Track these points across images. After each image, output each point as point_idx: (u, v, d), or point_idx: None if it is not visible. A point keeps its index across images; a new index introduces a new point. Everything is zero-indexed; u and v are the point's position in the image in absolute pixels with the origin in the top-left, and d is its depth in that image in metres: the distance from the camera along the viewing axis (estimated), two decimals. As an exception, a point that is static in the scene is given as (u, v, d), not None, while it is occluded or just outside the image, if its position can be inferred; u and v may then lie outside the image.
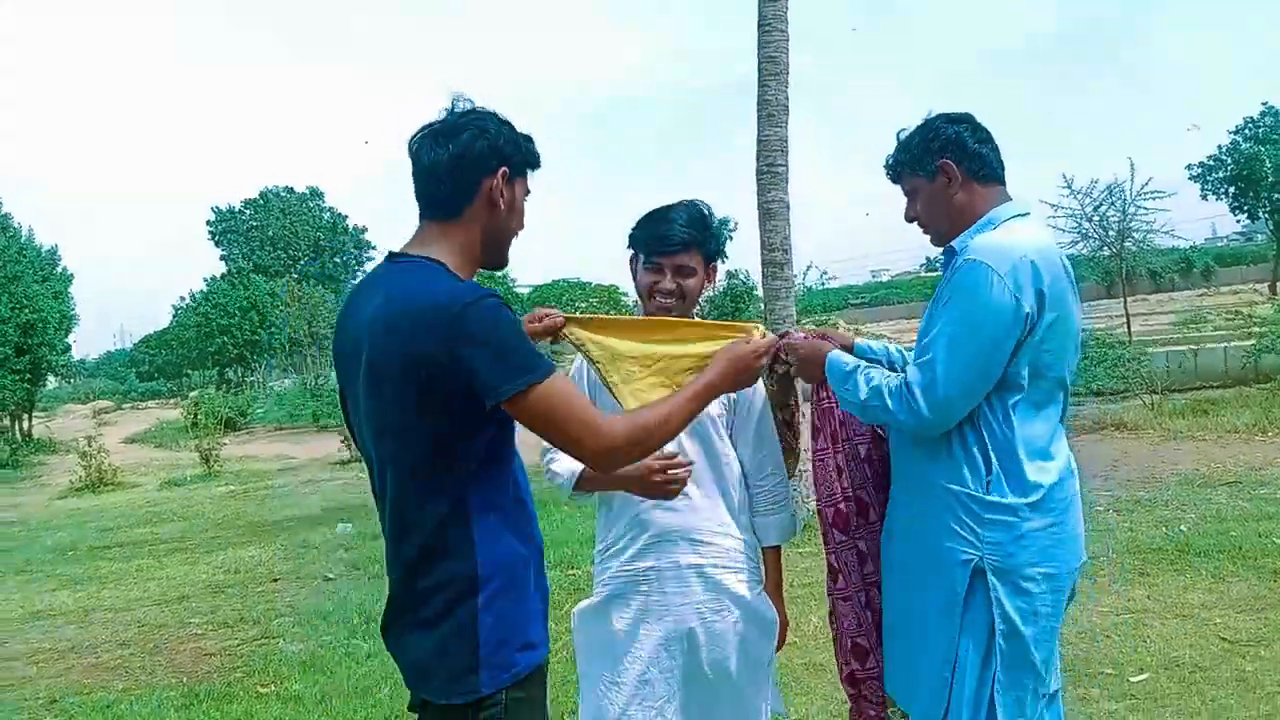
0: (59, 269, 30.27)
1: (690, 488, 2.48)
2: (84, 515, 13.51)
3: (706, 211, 2.61)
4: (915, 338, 2.40)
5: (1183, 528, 6.72)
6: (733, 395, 2.54)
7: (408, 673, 1.93)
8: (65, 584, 8.69)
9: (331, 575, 7.92)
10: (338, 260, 55.83)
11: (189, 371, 45.90)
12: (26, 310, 26.35)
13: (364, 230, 56.92)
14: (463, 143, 1.88)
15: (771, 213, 8.00)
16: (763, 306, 8.06)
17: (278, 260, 52.30)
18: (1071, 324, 2.32)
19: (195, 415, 24.29)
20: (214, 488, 15.67)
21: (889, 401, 2.26)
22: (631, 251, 2.64)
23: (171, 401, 42.08)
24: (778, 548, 2.67)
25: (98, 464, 17.28)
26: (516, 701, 1.84)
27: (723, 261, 3.09)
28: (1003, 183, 2.45)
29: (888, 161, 2.51)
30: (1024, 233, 2.32)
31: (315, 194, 56.57)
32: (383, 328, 1.80)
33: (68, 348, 31.53)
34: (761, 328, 2.35)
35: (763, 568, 2.64)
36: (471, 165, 1.89)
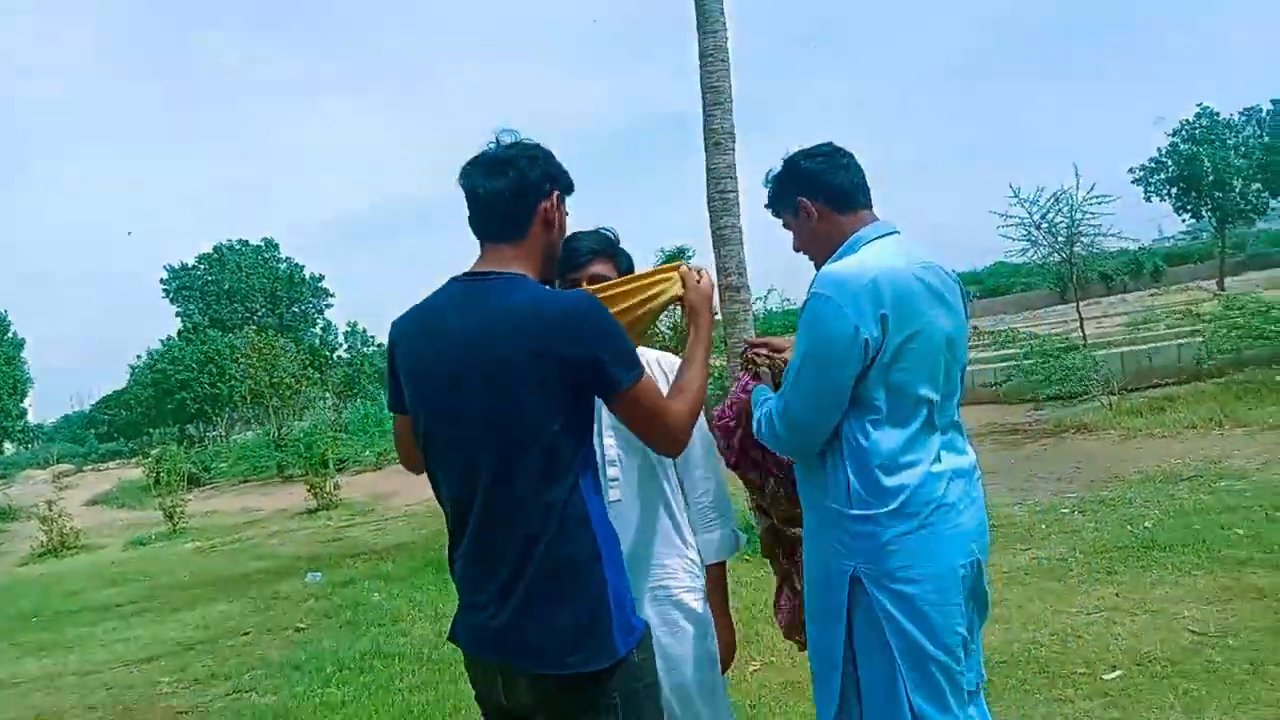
0: (9, 334, 29.79)
1: (633, 509, 2.51)
2: (47, 580, 13.23)
3: (611, 232, 2.67)
4: None
5: (1147, 524, 6.80)
6: None
7: (533, 652, 1.98)
8: (30, 651, 8.50)
9: (303, 625, 7.81)
10: (295, 310, 55.41)
11: (149, 430, 45.21)
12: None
13: (321, 278, 56.59)
14: (521, 170, 2.09)
15: (725, 238, 8.07)
16: (722, 331, 8.10)
17: (235, 314, 51.84)
18: (934, 337, 2.42)
19: (157, 473, 23.86)
20: (180, 545, 15.40)
21: (762, 426, 2.49)
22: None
23: (133, 461, 41.32)
24: (721, 564, 2.68)
25: (59, 528, 16.93)
26: (644, 660, 2.06)
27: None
28: (867, 207, 2.58)
29: (765, 201, 2.71)
30: (875, 256, 2.43)
31: (270, 245, 56.22)
32: (510, 331, 1.96)
33: (23, 412, 31.01)
34: (684, 265, 2.50)
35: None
36: (531, 191, 2.10)
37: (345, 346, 53.38)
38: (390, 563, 10.12)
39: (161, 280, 55.05)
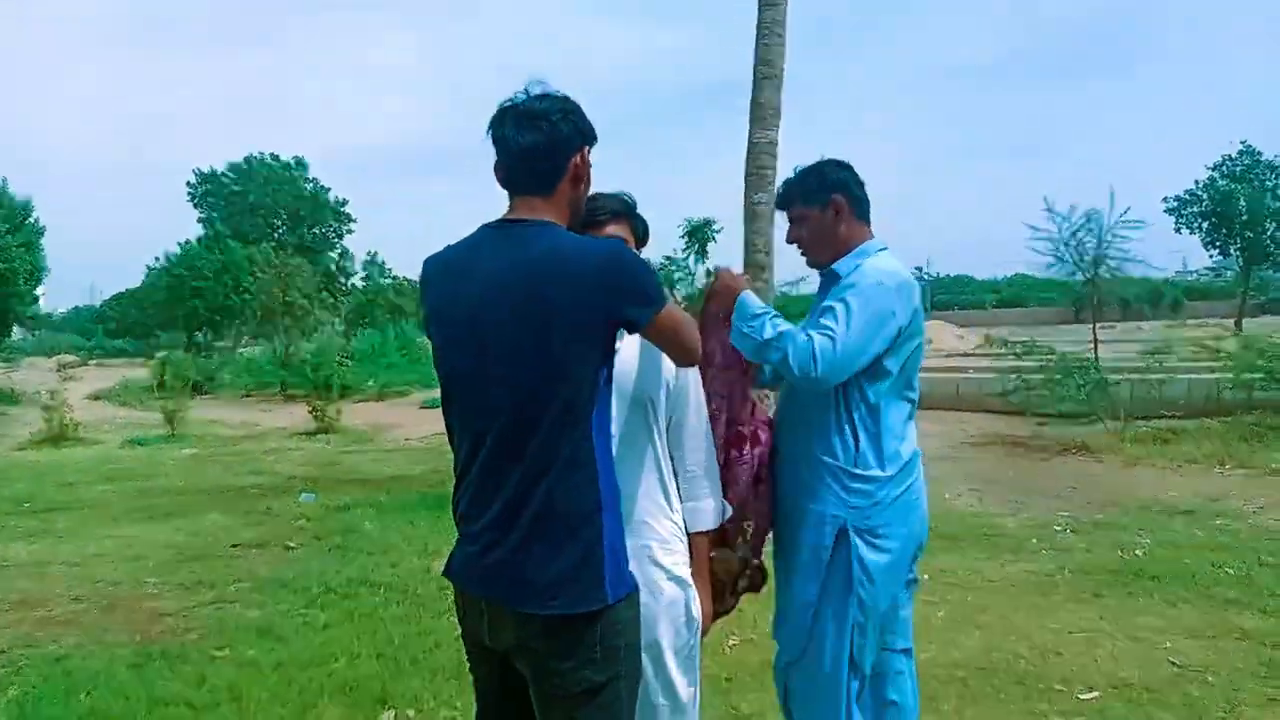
0: (32, 220, 29.82)
1: (624, 465, 2.49)
2: (43, 469, 13.35)
3: (628, 197, 2.67)
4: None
5: (1138, 552, 6.83)
6: (669, 379, 2.61)
7: (521, 589, 2.03)
8: (20, 536, 8.60)
9: (293, 544, 7.87)
10: (316, 231, 55.36)
11: (158, 332, 45.41)
12: (-2, 261, 26.00)
13: (345, 203, 56.49)
14: (554, 124, 2.10)
15: (756, 214, 8.02)
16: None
17: (256, 227, 51.77)
18: (922, 344, 2.90)
19: (162, 375, 24.07)
20: (177, 449, 15.51)
21: (790, 350, 2.65)
22: None
23: (139, 361, 41.61)
24: (704, 534, 2.70)
25: (59, 418, 17.08)
26: (630, 618, 2.12)
27: (705, 262, 3.21)
28: (870, 223, 2.96)
29: (781, 190, 2.97)
30: (897, 264, 2.85)
31: (300, 163, 56.05)
32: (547, 275, 1.99)
33: (36, 299, 31.12)
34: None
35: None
36: (563, 146, 2.12)
37: (362, 275, 53.38)
38: (385, 493, 10.19)
39: (188, 184, 55.10)
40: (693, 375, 2.67)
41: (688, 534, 2.65)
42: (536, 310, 1.99)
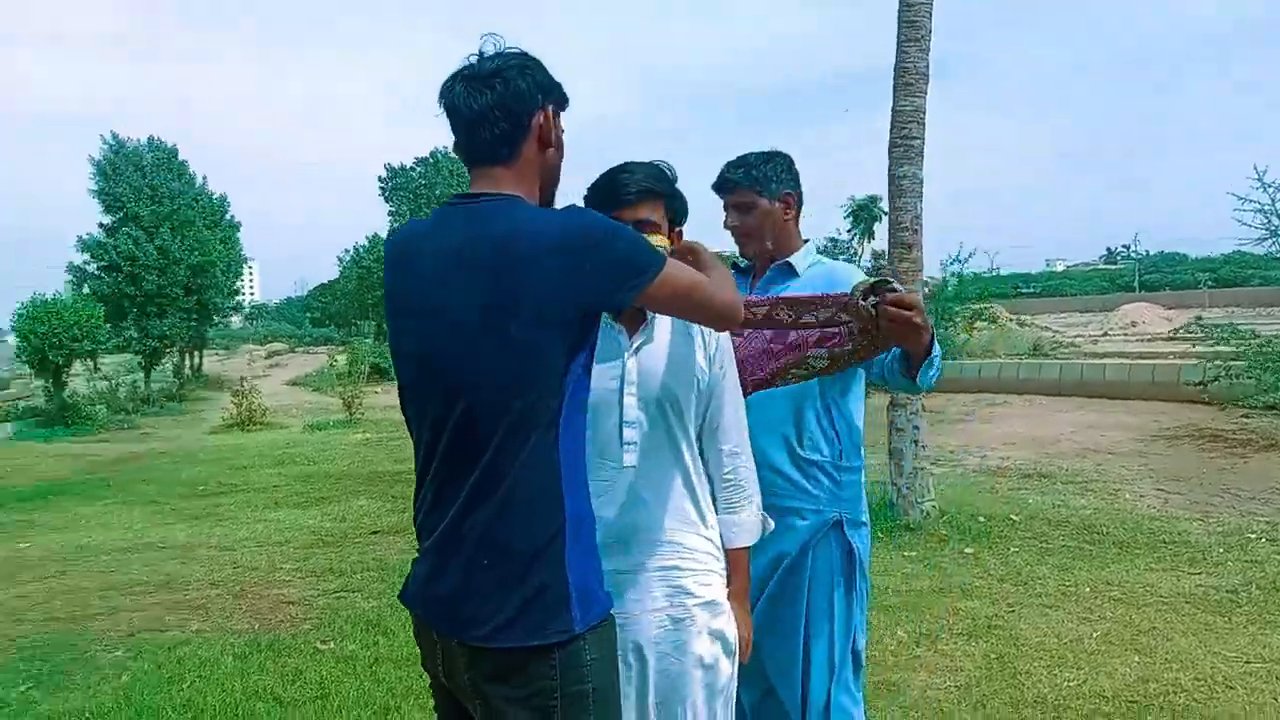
0: (228, 217, 31.77)
1: (648, 477, 2.20)
2: (225, 452, 14.10)
3: (667, 169, 2.30)
4: (1084, 331, 2.53)
5: (1347, 568, 5.93)
6: (700, 375, 2.26)
7: (463, 622, 1.77)
8: (183, 518, 9.01)
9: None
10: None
11: (356, 321, 47.70)
12: (196, 253, 27.80)
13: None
14: (509, 81, 1.84)
15: (903, 188, 7.50)
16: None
17: (443, 218, 53.59)
18: None
19: (348, 362, 25.16)
20: (351, 434, 16.11)
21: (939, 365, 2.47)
22: None
23: (341, 348, 43.91)
24: (744, 550, 2.34)
25: (248, 403, 18.05)
26: (598, 660, 1.80)
27: (871, 242, 2.87)
28: None
29: (730, 173, 2.74)
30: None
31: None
32: (498, 259, 1.72)
33: (236, 291, 33.19)
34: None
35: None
36: (521, 103, 1.85)
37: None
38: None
39: (379, 179, 57.65)
40: (730, 371, 2.32)
41: (725, 550, 2.31)
42: (490, 298, 1.72)
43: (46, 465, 13.99)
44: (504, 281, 1.71)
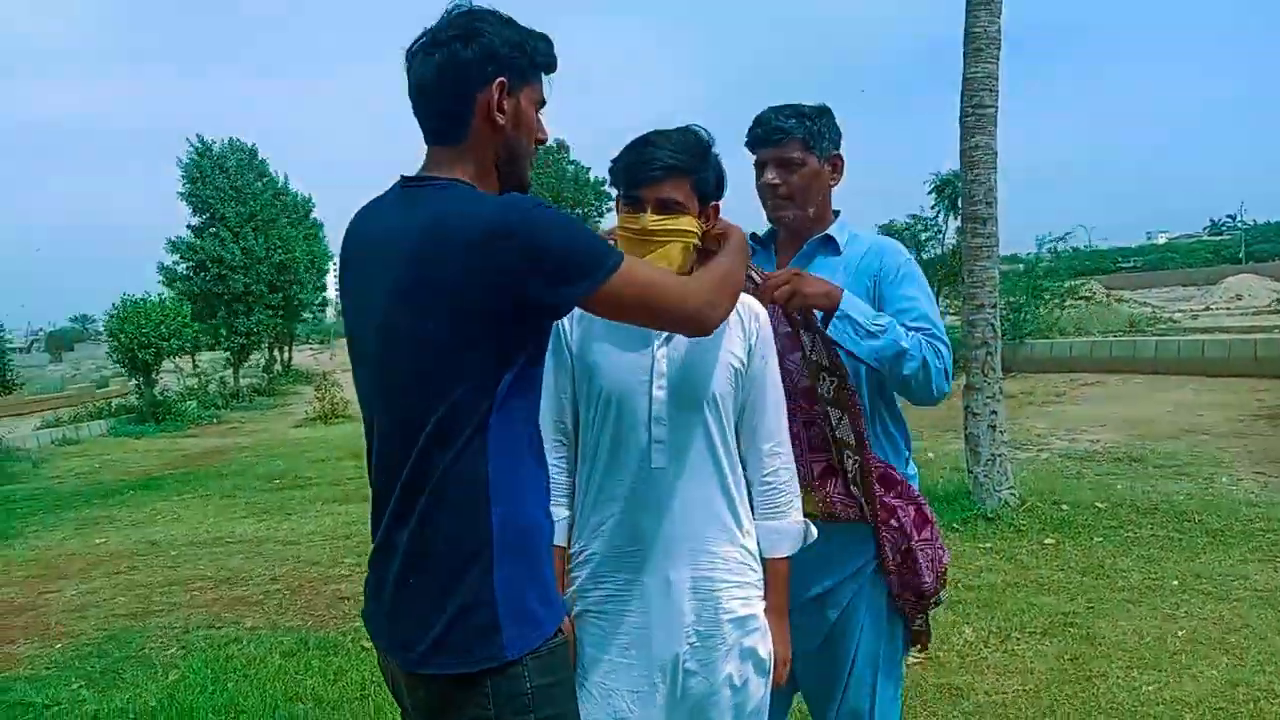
0: (312, 216, 32.35)
1: (679, 480, 2.00)
2: (304, 446, 14.28)
3: (705, 135, 2.06)
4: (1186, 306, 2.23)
5: None
6: (738, 367, 2.05)
7: (398, 645, 1.64)
8: (255, 512, 9.09)
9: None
10: (579, 212, 57.10)
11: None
12: (280, 251, 28.35)
13: (604, 182, 57.85)
14: (453, 52, 1.64)
15: (975, 160, 7.12)
16: (961, 272, 7.20)
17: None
18: None
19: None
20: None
21: (932, 362, 2.24)
22: (615, 193, 2.12)
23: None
24: (785, 560, 2.12)
25: (330, 397, 18.31)
26: (545, 687, 1.61)
27: (957, 219, 2.59)
28: None
29: (780, 120, 2.36)
30: None
31: (562, 146, 57.91)
32: (421, 249, 1.56)
33: (323, 287, 33.79)
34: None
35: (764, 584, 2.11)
36: (463, 78, 1.64)
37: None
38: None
39: (467, 175, 58.47)
40: (770, 362, 2.11)
41: (763, 560, 2.11)
42: (409, 292, 1.58)
43: (134, 461, 14.37)
44: (425, 273, 1.56)
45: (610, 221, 2.20)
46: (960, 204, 7.43)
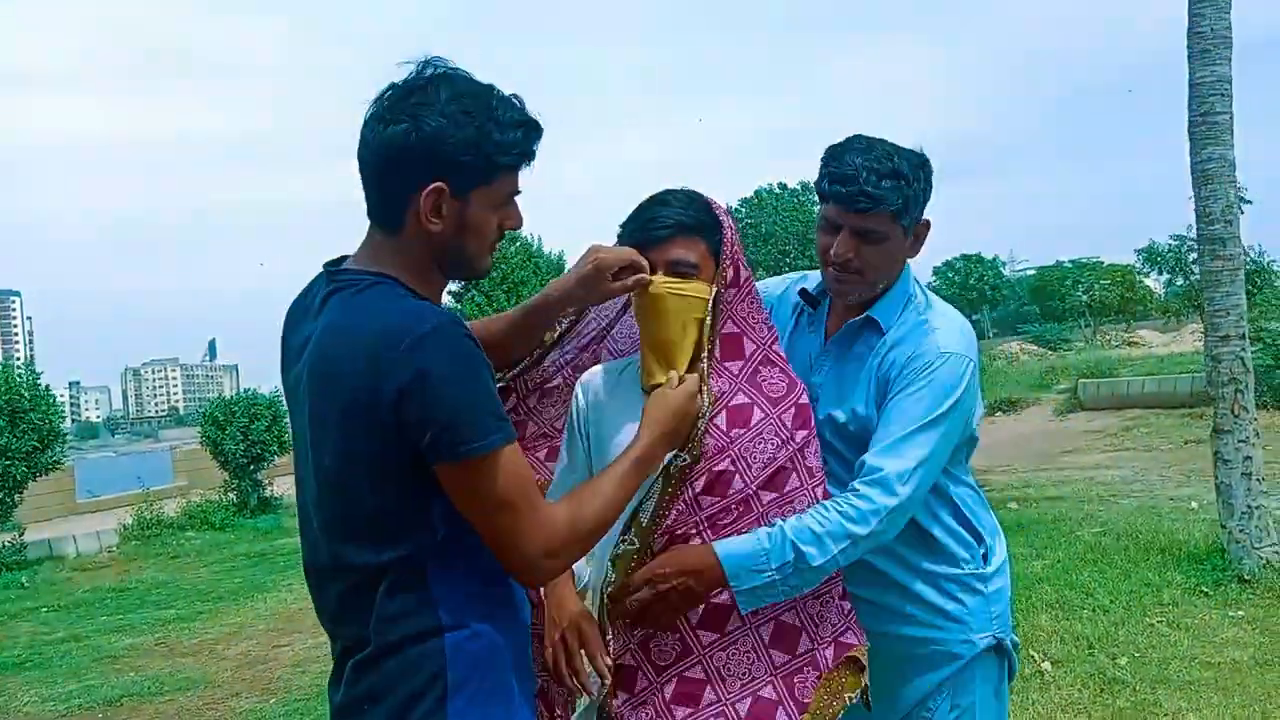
0: (545, 256, 33.07)
1: None
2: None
3: (707, 198, 1.94)
4: None
5: None
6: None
7: None
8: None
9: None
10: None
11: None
12: (516, 295, 29.26)
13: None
14: (391, 137, 1.44)
15: (1209, 174, 6.36)
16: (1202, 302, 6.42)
17: (769, 255, 54.01)
18: None
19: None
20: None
21: (858, 530, 1.81)
22: None
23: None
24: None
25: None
26: None
27: None
28: None
29: (874, 185, 1.91)
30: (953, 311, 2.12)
31: (806, 188, 57.67)
32: (322, 366, 1.45)
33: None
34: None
35: None
36: (395, 172, 1.46)
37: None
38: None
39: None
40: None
41: None
42: (315, 406, 1.47)
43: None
44: (336, 388, 1.42)
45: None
46: (1195, 224, 6.65)
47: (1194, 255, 18.03)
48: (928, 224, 2.05)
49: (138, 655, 7.08)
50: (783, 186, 58.14)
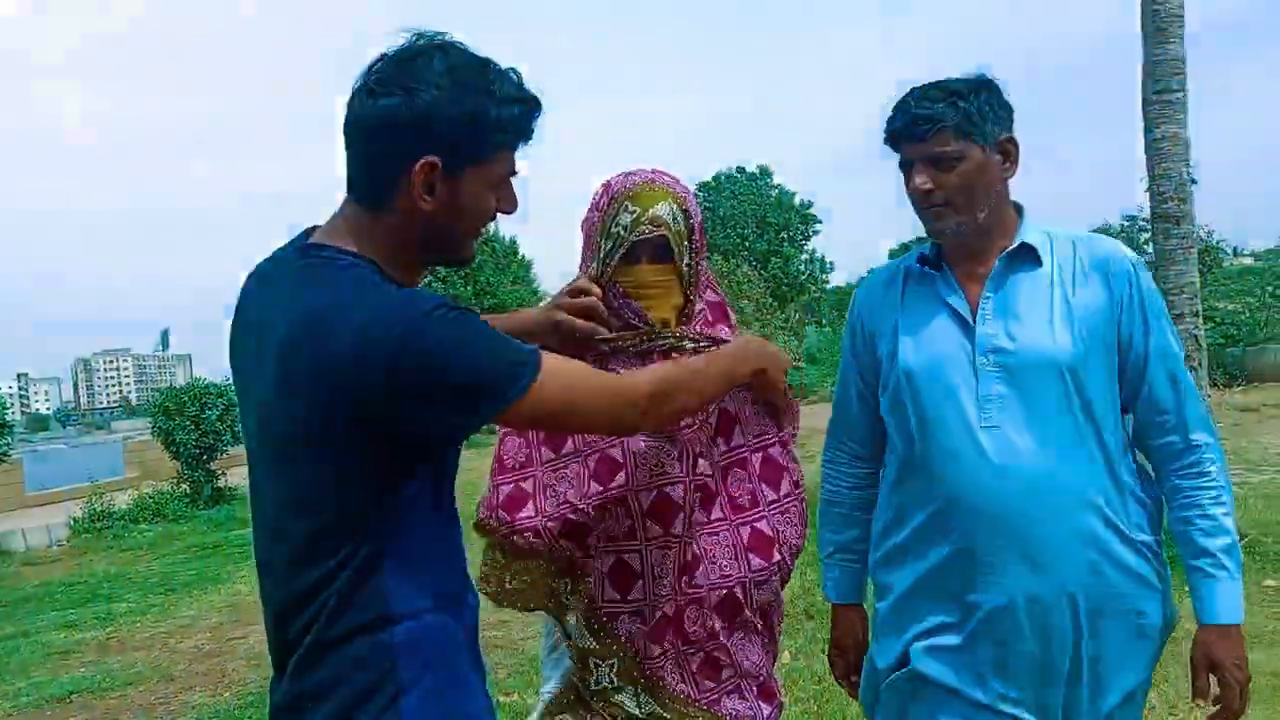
0: (519, 255, 33.58)
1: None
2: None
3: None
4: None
5: None
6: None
7: None
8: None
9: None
10: (784, 235, 56.63)
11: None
12: (487, 297, 29.56)
13: (809, 205, 57.17)
14: (384, 109, 1.37)
15: (1163, 152, 6.43)
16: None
17: (728, 239, 54.09)
18: None
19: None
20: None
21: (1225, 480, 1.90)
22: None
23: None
24: None
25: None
26: None
27: None
28: None
29: (925, 106, 1.86)
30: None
31: (764, 173, 57.78)
32: (307, 346, 1.34)
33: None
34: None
35: None
36: (385, 147, 1.39)
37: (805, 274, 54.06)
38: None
39: (665, 203, 59.35)
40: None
41: None
42: (274, 393, 1.39)
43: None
44: (292, 376, 1.35)
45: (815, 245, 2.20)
46: (1149, 201, 6.71)
47: (1146, 235, 18.30)
48: (1014, 141, 1.93)
49: (88, 650, 6.93)
50: (741, 170, 58.14)
